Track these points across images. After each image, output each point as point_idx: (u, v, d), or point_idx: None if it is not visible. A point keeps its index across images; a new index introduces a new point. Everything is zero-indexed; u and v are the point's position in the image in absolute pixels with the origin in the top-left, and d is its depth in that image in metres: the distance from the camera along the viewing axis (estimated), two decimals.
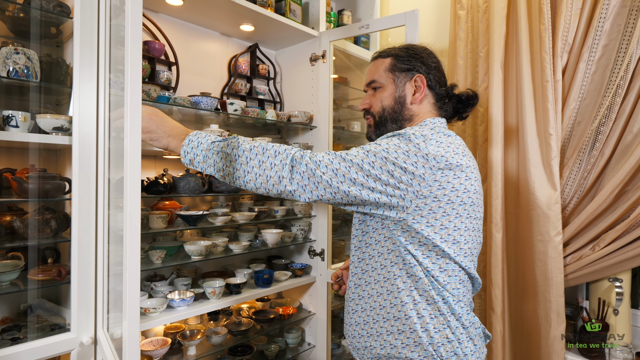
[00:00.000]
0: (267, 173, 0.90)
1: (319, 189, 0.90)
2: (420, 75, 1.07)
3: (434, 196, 0.90)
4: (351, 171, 0.89)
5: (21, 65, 1.20)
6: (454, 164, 0.91)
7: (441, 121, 1.07)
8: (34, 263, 1.34)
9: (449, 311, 0.95)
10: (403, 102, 1.08)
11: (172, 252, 1.62)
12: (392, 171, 0.88)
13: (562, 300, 1.71)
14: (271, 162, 0.91)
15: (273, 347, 1.96)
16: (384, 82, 1.10)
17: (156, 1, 1.67)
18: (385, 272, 0.99)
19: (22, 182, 1.22)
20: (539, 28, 1.74)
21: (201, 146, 0.96)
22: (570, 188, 1.77)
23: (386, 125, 1.10)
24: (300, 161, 0.90)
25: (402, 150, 0.89)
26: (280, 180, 0.90)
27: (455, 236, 0.94)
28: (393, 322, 0.98)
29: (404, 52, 1.11)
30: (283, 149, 0.93)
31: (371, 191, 0.90)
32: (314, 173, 0.89)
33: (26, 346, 1.18)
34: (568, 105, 1.75)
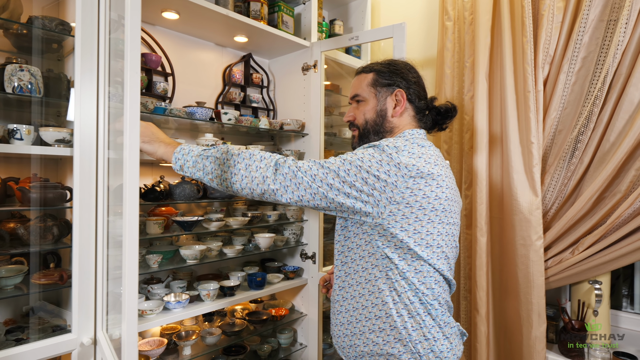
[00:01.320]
0: (252, 174, 1.00)
1: (300, 189, 0.97)
2: (400, 90, 1.15)
3: (406, 202, 0.97)
4: (328, 177, 0.97)
5: (25, 81, 1.27)
6: (425, 172, 0.98)
7: (420, 132, 1.14)
8: (37, 268, 1.41)
9: (424, 311, 1.03)
10: (384, 115, 1.15)
11: (168, 256, 1.69)
12: (366, 178, 0.96)
13: (543, 301, 1.78)
14: (257, 165, 1.00)
15: (266, 347, 2.03)
16: (367, 96, 1.17)
17: (153, 15, 1.73)
18: (367, 274, 1.06)
19: (26, 192, 1.29)
20: (521, 40, 1.81)
21: (192, 153, 1.07)
22: (552, 194, 1.84)
23: (369, 136, 1.17)
24: (283, 165, 0.99)
25: (376, 160, 0.97)
26: (264, 179, 0.98)
27: (428, 240, 1.02)
28: (375, 321, 1.05)
29: (385, 67, 1.18)
30: (268, 154, 1.03)
31: (347, 196, 0.97)
32: (295, 175, 0.97)
33: (29, 347, 1.25)
34: (549, 114, 1.82)
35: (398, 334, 1.02)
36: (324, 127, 2.08)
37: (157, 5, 1.66)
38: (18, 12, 1.30)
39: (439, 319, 1.05)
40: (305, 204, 1.00)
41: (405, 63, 1.22)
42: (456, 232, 1.11)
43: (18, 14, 1.31)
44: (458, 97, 2.08)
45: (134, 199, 1.09)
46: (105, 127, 1.32)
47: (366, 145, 1.05)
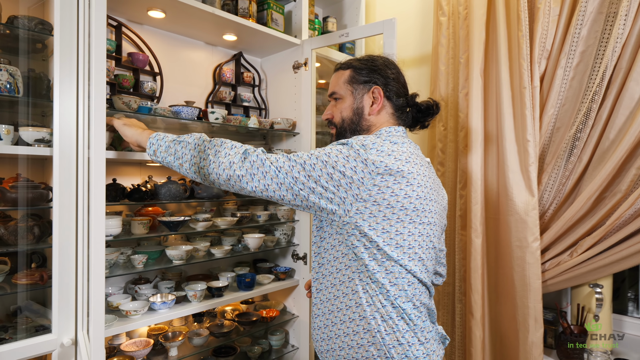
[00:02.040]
0: (220, 160, 0.99)
1: (266, 178, 0.96)
2: (377, 87, 1.11)
3: (373, 200, 0.94)
4: (294, 170, 0.95)
5: (3, 81, 1.26)
6: (394, 169, 0.94)
7: (397, 130, 1.10)
8: (21, 268, 1.41)
9: (397, 315, 0.99)
10: (361, 113, 1.12)
11: (154, 256, 1.68)
12: (332, 174, 0.94)
13: (539, 305, 1.72)
14: (226, 152, 1.00)
15: (256, 348, 2.01)
16: (344, 93, 1.15)
17: (139, 14, 1.73)
18: (341, 276, 1.03)
19: (5, 192, 1.29)
20: (517, 34, 1.75)
21: (166, 139, 1.10)
22: (549, 194, 1.78)
23: (345, 135, 1.14)
24: (252, 153, 0.98)
25: (343, 155, 0.95)
26: (231, 165, 0.97)
27: (397, 240, 0.97)
28: (349, 324, 1.02)
29: (363, 64, 1.14)
30: (240, 145, 1.02)
31: (311, 191, 0.95)
32: (263, 164, 0.96)
33: (9, 347, 1.25)
34: (546, 111, 1.76)
35: (372, 337, 0.99)
36: (315, 126, 2.05)
37: (142, 4, 1.65)
38: None
39: (413, 323, 1.01)
40: (271, 194, 0.97)
41: (384, 59, 1.17)
42: (434, 233, 1.07)
43: None
44: (453, 94, 2.03)
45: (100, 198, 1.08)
46: (85, 127, 1.31)
47: (336, 142, 1.02)
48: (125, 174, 1.81)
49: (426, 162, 1.10)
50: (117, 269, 1.59)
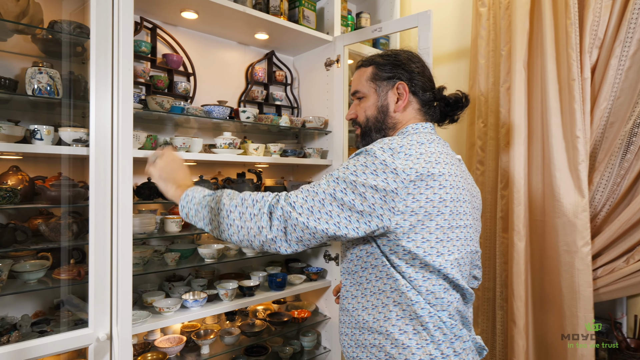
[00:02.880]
0: (247, 225, 0.90)
1: (297, 231, 0.88)
2: (402, 83, 1.05)
3: (410, 210, 0.88)
4: (325, 204, 0.88)
5: (44, 83, 1.32)
6: (424, 173, 0.88)
7: (425, 126, 1.04)
8: (61, 263, 1.47)
9: (433, 325, 0.93)
10: (386, 111, 1.06)
11: (186, 254, 1.70)
12: (364, 193, 0.86)
13: (590, 315, 1.59)
14: (250, 212, 0.90)
15: (288, 349, 1.99)
16: (367, 92, 1.09)
17: (173, 15, 1.75)
18: (371, 287, 0.98)
19: (45, 190, 1.34)
20: (564, 23, 1.62)
21: (194, 200, 1.00)
22: (602, 195, 1.64)
23: (370, 134, 1.09)
24: (276, 206, 0.89)
25: (370, 170, 0.88)
26: (260, 230, 0.89)
27: (438, 248, 0.91)
28: (377, 336, 0.96)
29: (385, 59, 1.08)
30: (260, 196, 0.92)
31: (349, 222, 0.88)
32: (289, 215, 0.87)
33: (48, 339, 1.29)
34: (598, 105, 1.62)
35: (398, 354, 0.92)
36: (347, 124, 2.01)
37: (176, 6, 1.67)
38: (38, 17, 1.36)
39: (449, 332, 0.94)
40: (306, 245, 0.91)
41: (407, 52, 1.11)
42: (470, 235, 1.00)
43: (38, 19, 1.37)
44: (493, 89, 1.92)
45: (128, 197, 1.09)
46: (120, 127, 1.34)
47: (356, 153, 0.95)
48: None
49: (457, 159, 1.03)
50: (152, 266, 1.63)
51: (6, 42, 1.43)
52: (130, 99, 0.99)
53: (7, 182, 1.37)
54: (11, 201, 1.29)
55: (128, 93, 0.96)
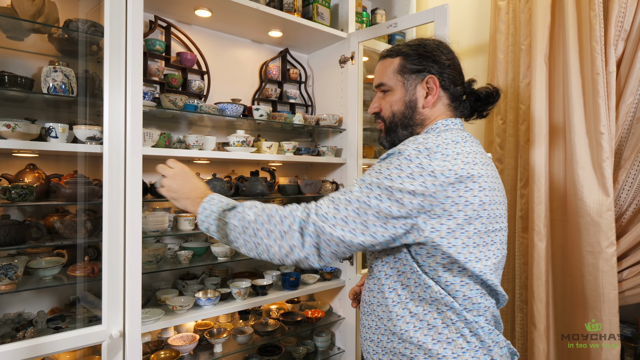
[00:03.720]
0: (278, 243, 0.83)
1: (331, 245, 0.82)
2: (432, 77, 0.98)
3: (448, 214, 0.82)
4: (360, 213, 0.82)
5: (59, 82, 1.33)
6: (464, 175, 0.82)
7: (455, 122, 0.98)
8: (76, 260, 1.48)
9: (470, 332, 0.87)
10: (414, 107, 0.99)
11: (200, 252, 1.69)
12: (401, 199, 0.81)
13: (616, 319, 1.52)
14: (279, 230, 0.83)
15: (301, 349, 1.97)
16: (393, 85, 1.01)
17: (187, 14, 1.76)
18: (400, 294, 0.92)
19: (59, 187, 1.35)
20: (588, 15, 1.56)
21: (213, 215, 0.91)
22: (627, 194, 1.57)
23: (396, 131, 1.02)
24: (307, 220, 0.83)
25: (406, 173, 0.82)
26: (292, 249, 0.83)
27: (476, 253, 0.86)
28: (407, 345, 0.90)
29: (413, 50, 1.00)
30: (288, 211, 0.85)
31: (385, 229, 0.82)
32: (322, 230, 0.81)
33: (62, 336, 1.30)
34: (624, 100, 1.55)
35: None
36: (362, 122, 1.98)
37: (189, 4, 1.67)
38: (53, 16, 1.37)
39: (487, 338, 0.89)
40: (341, 257, 0.87)
41: (437, 42, 1.03)
42: (504, 238, 0.95)
43: (54, 18, 1.38)
44: (513, 84, 1.86)
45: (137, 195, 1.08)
46: (130, 124, 1.34)
47: (388, 154, 0.88)
48: None
49: (488, 158, 0.97)
50: (165, 264, 1.63)
51: (23, 42, 1.45)
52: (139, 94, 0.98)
53: (23, 180, 1.39)
54: (27, 199, 1.31)
55: (138, 89, 0.95)
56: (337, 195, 0.86)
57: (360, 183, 0.85)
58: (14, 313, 1.48)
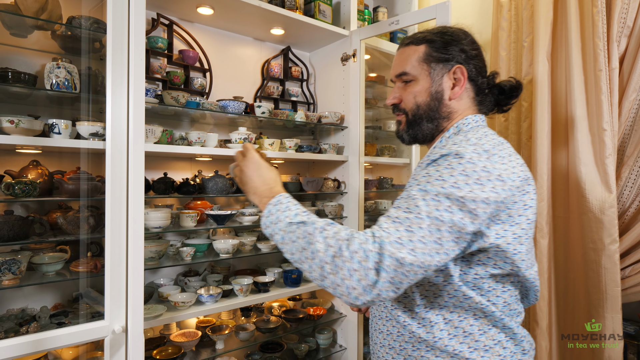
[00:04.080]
0: (347, 283, 0.71)
1: (410, 276, 0.71)
2: (460, 66, 0.92)
3: (512, 220, 0.79)
4: (433, 230, 0.72)
5: (62, 78, 1.34)
6: (524, 178, 0.80)
7: (483, 119, 0.95)
8: (79, 256, 1.49)
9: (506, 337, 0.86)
10: (440, 98, 0.93)
11: (202, 249, 1.70)
12: (475, 210, 0.73)
13: (618, 316, 1.52)
14: (349, 267, 0.71)
15: (303, 346, 1.97)
16: (417, 74, 0.94)
17: (189, 12, 1.76)
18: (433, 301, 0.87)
19: (63, 183, 1.36)
20: (591, 11, 1.56)
21: (279, 224, 0.81)
22: (630, 190, 1.56)
23: (421, 124, 0.96)
24: (382, 254, 0.70)
25: (473, 179, 0.74)
26: (365, 289, 0.71)
27: (526, 260, 0.83)
28: (438, 353, 0.86)
29: (439, 37, 0.94)
30: (357, 245, 0.71)
31: (456, 244, 0.74)
32: (402, 262, 0.70)
33: (65, 330, 1.31)
34: (627, 96, 1.55)
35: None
36: (364, 119, 1.98)
37: (191, 2, 1.68)
38: (57, 12, 1.38)
39: (523, 342, 0.87)
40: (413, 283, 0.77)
41: (462, 31, 0.97)
42: None
43: (57, 14, 1.39)
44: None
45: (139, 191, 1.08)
46: (132, 120, 1.35)
47: (443, 156, 0.80)
48: (176, 168, 1.86)
49: None
50: (167, 261, 1.63)
51: (27, 39, 1.46)
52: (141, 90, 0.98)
53: (27, 176, 1.40)
54: (30, 194, 1.31)
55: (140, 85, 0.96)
56: (401, 214, 0.74)
57: (422, 194, 0.75)
58: (17, 309, 1.49)
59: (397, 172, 2.47)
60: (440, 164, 0.79)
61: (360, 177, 1.98)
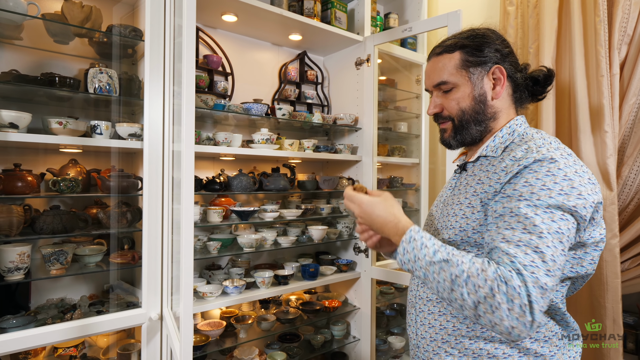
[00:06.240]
0: (505, 323, 0.71)
1: (552, 294, 0.76)
2: (498, 66, 0.94)
3: (598, 222, 0.85)
4: (557, 245, 0.74)
5: (104, 82, 1.43)
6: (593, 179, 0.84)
7: (525, 119, 0.98)
8: (114, 249, 1.59)
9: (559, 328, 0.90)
10: (484, 100, 0.95)
11: (227, 243, 1.80)
12: (585, 215, 0.78)
13: (618, 306, 1.62)
14: (504, 308, 0.70)
15: (319, 337, 2.07)
16: (457, 81, 0.95)
17: (214, 19, 1.86)
18: None
19: (105, 180, 1.46)
20: (593, 20, 1.66)
21: (419, 262, 0.81)
22: (630, 188, 1.67)
23: (469, 128, 0.97)
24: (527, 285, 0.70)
25: (576, 184, 0.77)
26: (525, 325, 0.71)
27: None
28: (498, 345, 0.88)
29: (471, 41, 0.95)
30: (505, 284, 0.71)
31: (566, 253, 0.78)
32: (545, 288, 0.71)
33: (107, 317, 1.41)
34: (627, 100, 1.65)
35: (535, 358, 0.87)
36: (377, 121, 2.08)
37: (217, 9, 1.78)
38: (99, 22, 1.48)
39: (571, 328, 0.93)
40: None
41: (492, 30, 0.99)
42: None
43: (99, 23, 1.48)
44: None
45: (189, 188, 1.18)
46: (170, 123, 1.45)
47: (537, 160, 0.80)
48: (199, 167, 1.96)
49: None
50: (195, 254, 1.73)
51: (67, 45, 1.56)
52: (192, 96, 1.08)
53: (69, 174, 1.50)
54: (74, 190, 1.41)
55: (191, 91, 1.05)
56: (523, 236, 0.75)
57: (534, 210, 0.76)
58: (57, 298, 1.58)
59: (406, 171, 2.58)
60: (537, 170, 0.79)
61: (373, 176, 2.08)
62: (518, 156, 0.84)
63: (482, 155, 0.96)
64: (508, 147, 0.91)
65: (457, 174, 1.06)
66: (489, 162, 0.93)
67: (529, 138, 0.88)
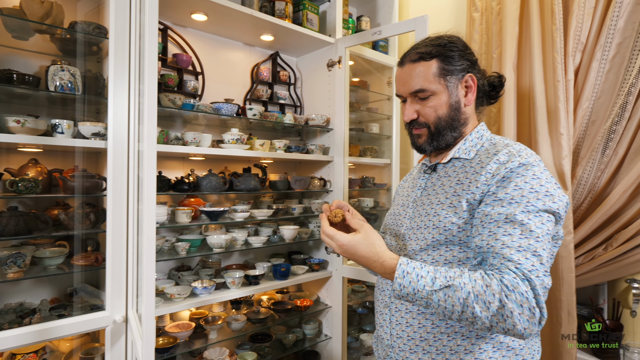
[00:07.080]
0: (518, 327, 0.76)
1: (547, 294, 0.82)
2: (470, 75, 0.99)
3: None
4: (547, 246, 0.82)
5: (66, 80, 1.40)
6: None
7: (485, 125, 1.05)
8: (78, 251, 1.55)
9: None
10: (459, 108, 0.99)
11: (196, 244, 1.78)
12: (562, 216, 0.88)
13: (573, 299, 1.71)
14: (516, 314, 0.75)
15: (291, 336, 2.08)
16: (436, 89, 0.97)
17: (183, 17, 1.84)
18: None
19: (66, 180, 1.42)
20: (550, 28, 1.74)
21: (419, 294, 0.83)
22: (584, 188, 1.76)
23: (445, 135, 1.00)
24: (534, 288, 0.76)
25: (553, 185, 0.87)
26: (536, 324, 0.77)
27: None
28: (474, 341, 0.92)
29: (447, 50, 0.98)
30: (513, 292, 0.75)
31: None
32: (547, 287, 0.78)
33: (69, 321, 1.38)
34: (581, 104, 1.74)
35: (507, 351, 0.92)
36: (348, 122, 2.11)
37: (186, 8, 1.76)
38: (60, 18, 1.44)
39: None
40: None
41: (457, 38, 1.02)
42: None
43: (60, 19, 1.44)
44: None
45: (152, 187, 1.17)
46: (136, 122, 1.43)
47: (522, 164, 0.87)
48: (168, 167, 1.93)
49: None
50: (163, 255, 1.71)
51: (27, 42, 1.51)
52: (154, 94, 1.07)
53: (28, 174, 1.45)
54: (33, 191, 1.37)
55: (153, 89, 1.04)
56: (521, 241, 0.80)
57: (527, 215, 0.82)
58: (15, 303, 1.53)
59: (378, 171, 2.62)
60: (524, 174, 0.86)
61: (345, 176, 2.11)
62: (502, 160, 0.90)
63: (454, 157, 1.01)
64: (479, 151, 0.98)
65: (426, 174, 1.08)
66: (463, 165, 0.99)
67: (501, 142, 0.96)
